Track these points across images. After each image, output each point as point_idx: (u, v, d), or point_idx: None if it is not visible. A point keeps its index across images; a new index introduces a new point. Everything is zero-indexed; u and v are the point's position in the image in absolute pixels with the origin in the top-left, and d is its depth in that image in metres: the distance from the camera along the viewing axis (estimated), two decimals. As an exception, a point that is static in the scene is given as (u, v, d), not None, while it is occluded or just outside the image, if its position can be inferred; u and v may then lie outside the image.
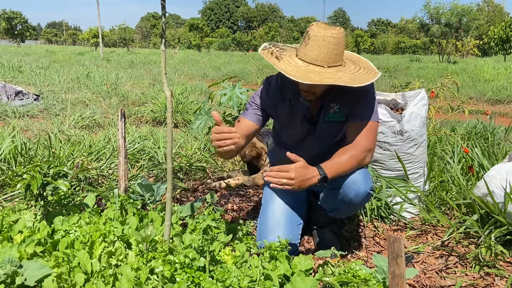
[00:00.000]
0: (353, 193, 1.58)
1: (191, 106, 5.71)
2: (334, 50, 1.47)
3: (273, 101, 1.73)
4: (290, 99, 1.71)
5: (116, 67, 14.49)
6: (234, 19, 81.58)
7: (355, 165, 1.57)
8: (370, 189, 1.60)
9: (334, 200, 1.67)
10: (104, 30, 35.56)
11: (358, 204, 1.63)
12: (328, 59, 1.47)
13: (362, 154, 1.58)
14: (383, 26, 78.20)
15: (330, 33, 1.45)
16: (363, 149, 1.58)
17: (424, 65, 16.50)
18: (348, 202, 1.62)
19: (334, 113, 1.68)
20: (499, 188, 1.87)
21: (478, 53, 25.84)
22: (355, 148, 1.58)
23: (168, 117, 1.42)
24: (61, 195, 1.86)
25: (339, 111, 1.67)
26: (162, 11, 1.36)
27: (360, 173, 1.59)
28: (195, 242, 1.41)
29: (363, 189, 1.57)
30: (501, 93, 9.33)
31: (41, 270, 1.23)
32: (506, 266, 1.74)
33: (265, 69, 6.19)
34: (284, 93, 1.72)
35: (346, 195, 1.59)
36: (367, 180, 1.59)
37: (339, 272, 1.32)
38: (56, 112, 5.64)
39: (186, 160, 3.08)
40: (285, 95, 1.72)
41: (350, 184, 1.57)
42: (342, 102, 1.65)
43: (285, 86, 1.71)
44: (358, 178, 1.57)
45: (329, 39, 1.45)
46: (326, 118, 1.68)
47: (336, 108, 1.66)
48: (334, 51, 1.47)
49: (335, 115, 1.68)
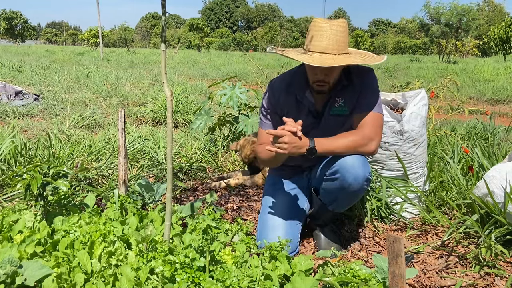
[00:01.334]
0: (351, 177, 1.59)
1: (191, 106, 5.71)
2: (342, 38, 1.58)
3: (281, 101, 1.82)
4: (296, 95, 1.79)
5: (116, 67, 14.49)
6: (234, 19, 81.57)
7: (352, 149, 1.61)
8: (369, 174, 1.62)
9: (333, 188, 1.68)
10: (104, 30, 35.58)
11: (357, 190, 1.63)
12: (338, 47, 1.58)
13: (362, 141, 1.63)
14: (383, 26, 78.23)
15: (336, 23, 1.58)
16: (364, 136, 1.64)
17: (424, 65, 16.51)
18: (347, 188, 1.63)
19: (339, 107, 1.76)
20: (499, 188, 1.87)
21: (478, 53, 25.83)
22: (357, 133, 1.65)
23: (168, 117, 1.42)
24: (61, 195, 1.86)
25: (344, 105, 1.75)
26: (162, 10, 1.36)
27: (358, 158, 1.61)
28: (195, 242, 1.41)
29: (361, 174, 1.59)
30: (501, 93, 9.33)
31: (41, 270, 1.23)
32: (506, 266, 1.74)
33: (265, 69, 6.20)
34: (290, 90, 1.80)
35: (345, 179, 1.60)
36: (365, 165, 1.62)
37: (339, 272, 1.32)
38: (56, 112, 5.64)
39: (186, 160, 3.08)
40: (291, 91, 1.80)
41: (349, 168, 1.59)
42: (348, 96, 1.74)
43: (292, 83, 1.80)
44: (356, 162, 1.60)
45: (336, 27, 1.57)
46: (331, 111, 1.77)
47: (341, 102, 1.75)
48: (341, 38, 1.58)
49: (340, 108, 1.76)
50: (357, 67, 1.80)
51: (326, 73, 1.63)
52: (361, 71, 1.78)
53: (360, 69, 1.79)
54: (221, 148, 3.42)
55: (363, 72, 1.78)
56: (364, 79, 1.75)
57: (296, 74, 1.83)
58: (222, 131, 3.79)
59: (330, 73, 1.63)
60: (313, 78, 1.68)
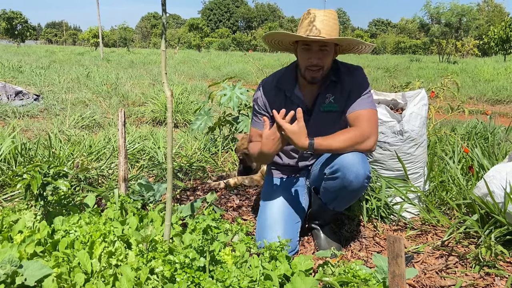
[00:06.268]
0: (353, 175, 1.60)
1: (191, 106, 5.71)
2: (334, 25, 1.66)
3: (272, 98, 1.85)
4: (285, 91, 1.83)
5: (116, 67, 14.48)
6: (234, 19, 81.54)
7: (350, 146, 1.62)
8: (369, 171, 1.64)
9: (334, 187, 1.68)
10: (104, 30, 35.58)
11: (357, 188, 1.63)
12: (331, 32, 1.64)
13: (361, 138, 1.64)
14: (383, 26, 78.25)
15: (329, 10, 1.68)
16: (362, 133, 1.65)
17: (424, 65, 16.49)
18: (348, 186, 1.63)
19: (329, 103, 1.80)
20: (499, 188, 1.87)
21: (478, 53, 25.83)
22: (354, 130, 1.67)
23: (168, 117, 1.43)
24: (61, 195, 1.86)
25: (334, 101, 1.80)
26: (162, 7, 1.36)
27: (358, 156, 1.62)
28: (195, 242, 1.42)
29: (362, 171, 1.60)
30: (501, 93, 9.33)
31: (41, 270, 1.23)
32: (506, 266, 1.74)
33: (265, 69, 6.20)
34: (279, 86, 1.84)
35: (346, 177, 1.61)
36: (365, 162, 1.63)
37: (339, 272, 1.32)
38: (56, 112, 5.64)
39: (186, 160, 3.08)
40: (280, 88, 1.84)
41: (350, 166, 1.60)
42: (337, 93, 1.78)
43: (281, 79, 1.85)
44: (356, 160, 1.61)
45: (328, 14, 1.66)
46: (322, 107, 1.81)
47: (332, 98, 1.80)
48: (334, 25, 1.66)
49: (331, 105, 1.80)
50: (345, 65, 1.83)
51: (320, 56, 1.67)
52: (350, 69, 1.81)
53: (348, 67, 1.82)
54: (221, 148, 3.42)
55: (352, 70, 1.80)
56: (353, 77, 1.78)
57: (285, 72, 1.88)
58: (222, 131, 3.79)
59: (324, 57, 1.67)
60: (306, 63, 1.70)
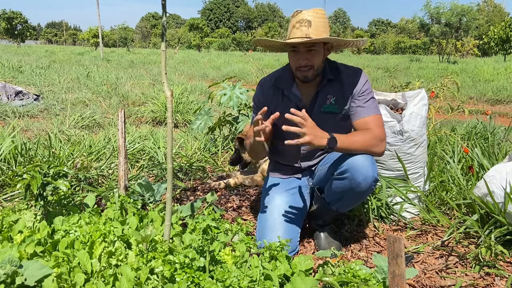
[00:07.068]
0: (362, 177, 1.60)
1: (191, 106, 5.71)
2: (322, 23, 1.65)
3: (270, 97, 1.87)
4: (283, 90, 1.84)
5: (116, 67, 14.48)
6: (234, 19, 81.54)
7: (364, 148, 1.63)
8: (377, 174, 1.64)
9: (341, 187, 1.68)
10: (104, 30, 35.58)
11: (364, 190, 1.64)
12: (318, 32, 1.63)
13: (375, 141, 1.65)
14: (383, 26, 78.23)
15: (315, 10, 1.66)
16: (375, 136, 1.66)
17: (424, 65, 16.48)
18: (355, 188, 1.63)
19: (330, 104, 1.80)
20: (499, 188, 1.87)
21: (478, 53, 25.82)
22: (368, 133, 1.67)
23: (168, 117, 1.43)
24: (61, 195, 1.86)
25: (335, 103, 1.79)
26: (162, 9, 1.36)
27: (367, 158, 1.62)
28: (195, 242, 1.41)
29: (371, 174, 1.60)
30: (501, 93, 9.33)
31: (41, 270, 1.23)
32: (506, 266, 1.74)
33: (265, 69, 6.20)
34: (277, 85, 1.86)
35: (355, 179, 1.61)
36: (374, 165, 1.64)
37: (339, 272, 1.32)
38: (56, 112, 5.64)
39: (186, 160, 3.08)
40: (278, 86, 1.86)
41: (359, 168, 1.60)
42: (338, 94, 1.78)
43: (279, 78, 1.87)
44: (366, 162, 1.61)
45: (315, 13, 1.65)
46: (322, 108, 1.81)
47: (333, 100, 1.80)
48: (322, 23, 1.65)
49: (332, 106, 1.80)
50: (345, 66, 1.82)
51: (307, 57, 1.67)
52: (351, 71, 1.79)
53: (349, 68, 1.81)
54: (221, 148, 3.42)
55: (354, 72, 1.79)
56: (356, 80, 1.76)
57: (283, 71, 1.89)
58: (222, 131, 3.79)
59: (312, 57, 1.68)
60: (295, 64, 1.71)
